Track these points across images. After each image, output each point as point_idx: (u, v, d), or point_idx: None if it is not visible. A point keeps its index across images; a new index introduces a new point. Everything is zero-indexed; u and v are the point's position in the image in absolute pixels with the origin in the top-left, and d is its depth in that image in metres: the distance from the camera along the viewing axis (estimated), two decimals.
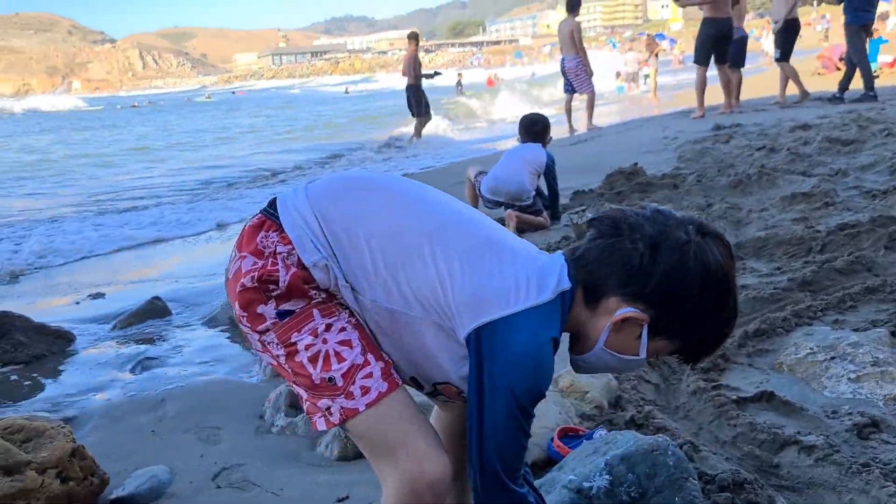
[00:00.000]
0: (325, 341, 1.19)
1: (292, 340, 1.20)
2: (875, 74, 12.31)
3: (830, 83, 13.23)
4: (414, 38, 13.14)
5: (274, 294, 1.20)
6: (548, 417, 1.99)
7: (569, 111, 12.11)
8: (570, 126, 11.84)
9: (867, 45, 10.37)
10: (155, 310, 3.74)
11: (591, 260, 1.23)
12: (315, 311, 1.20)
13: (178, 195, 9.09)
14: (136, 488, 1.98)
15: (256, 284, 1.20)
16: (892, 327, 2.44)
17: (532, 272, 1.21)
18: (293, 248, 1.21)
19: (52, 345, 3.29)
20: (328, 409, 1.21)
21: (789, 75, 10.72)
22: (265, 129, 21.26)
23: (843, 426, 1.91)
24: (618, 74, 25.67)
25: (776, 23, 10.63)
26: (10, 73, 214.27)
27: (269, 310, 1.20)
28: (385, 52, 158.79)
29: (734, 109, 10.35)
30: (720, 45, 10.06)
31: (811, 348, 2.30)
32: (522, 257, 1.25)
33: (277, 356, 1.23)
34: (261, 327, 1.22)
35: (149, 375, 2.97)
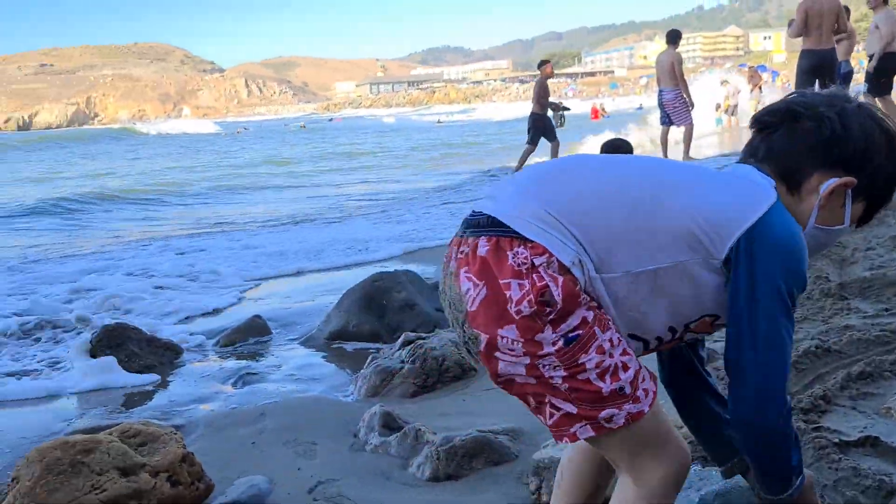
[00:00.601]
0: (611, 356, 1.23)
1: (580, 361, 1.21)
2: None
3: None
4: (545, 64, 12.60)
5: (550, 317, 1.18)
6: None
7: (664, 143, 11.96)
8: (687, 153, 11.69)
9: None
10: (255, 328, 3.91)
11: (780, 150, 1.32)
12: (596, 329, 1.21)
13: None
14: (238, 495, 2.09)
15: (536, 307, 1.17)
16: None
17: (750, 181, 1.30)
18: (550, 255, 1.19)
19: (162, 356, 3.49)
20: (611, 417, 1.24)
21: (889, 110, 10.28)
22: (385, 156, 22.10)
23: None
24: (717, 107, 25.34)
25: (871, 57, 10.14)
26: (128, 100, 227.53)
27: (548, 335, 1.19)
28: (480, 83, 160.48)
29: None
30: (821, 79, 9.70)
31: None
32: (732, 172, 1.34)
33: (551, 377, 1.23)
34: (540, 352, 1.20)
35: (249, 390, 3.11)
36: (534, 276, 1.17)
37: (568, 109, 13.71)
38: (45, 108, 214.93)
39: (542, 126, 12.28)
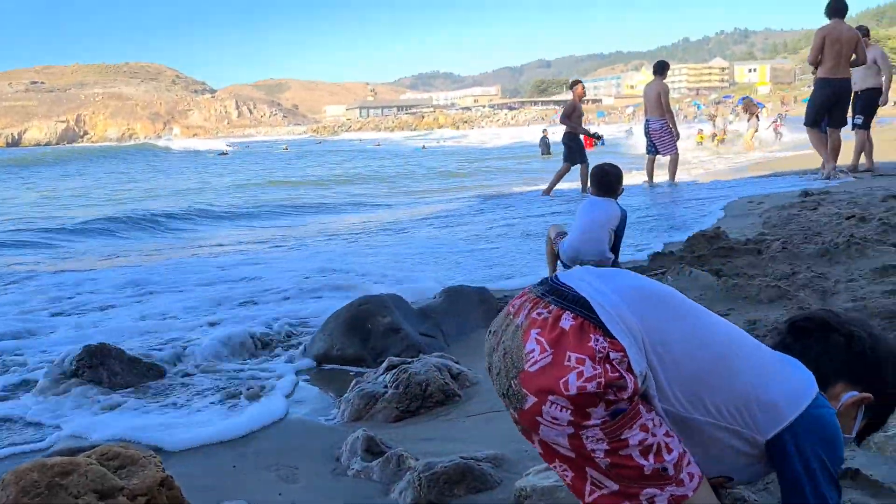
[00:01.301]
0: (654, 435, 1.28)
1: (623, 437, 1.26)
2: None
3: None
4: (577, 84, 12.41)
5: (609, 398, 1.24)
6: None
7: (650, 172, 12.09)
8: (673, 179, 11.83)
9: None
10: (240, 349, 3.89)
11: (815, 354, 1.46)
12: (641, 408, 1.27)
13: None
14: None
15: (601, 390, 1.23)
16: None
17: (797, 370, 1.41)
18: (625, 355, 1.26)
19: (143, 377, 3.45)
20: (652, 498, 1.28)
21: (863, 145, 10.45)
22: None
23: None
24: (713, 137, 26.11)
25: (858, 92, 10.29)
26: (117, 118, 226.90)
27: (599, 411, 1.25)
28: (469, 108, 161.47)
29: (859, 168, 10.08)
30: (835, 107, 9.76)
31: (887, 429, 2.22)
32: (783, 359, 1.44)
33: (593, 450, 1.28)
34: (586, 423, 1.26)
35: (232, 412, 3.08)
36: (607, 365, 1.24)
37: (600, 137, 13.45)
38: (34, 125, 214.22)
39: (575, 146, 12.04)
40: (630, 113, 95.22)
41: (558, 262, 4.87)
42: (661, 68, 11.74)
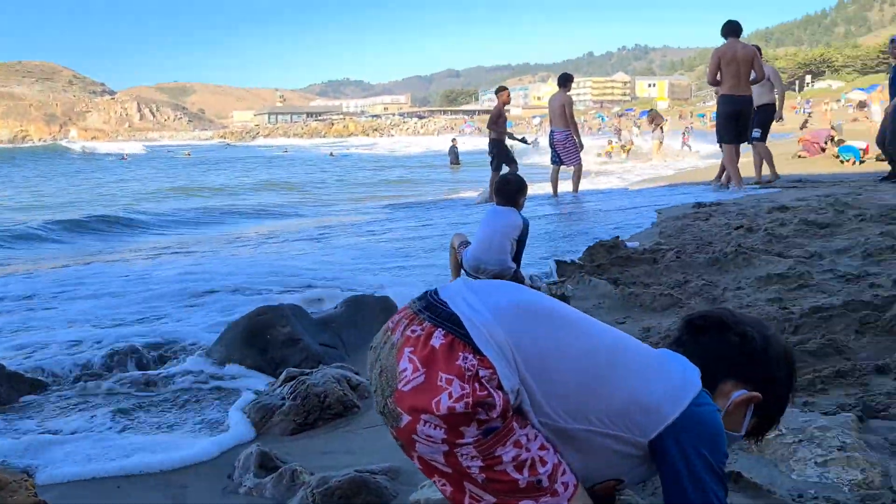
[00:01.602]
0: (528, 450, 1.29)
1: (496, 454, 1.27)
2: (862, 160, 12.67)
3: (809, 166, 13.55)
4: (502, 91, 12.43)
5: (480, 417, 1.25)
6: None
7: (555, 182, 12.32)
8: (556, 197, 12.04)
9: None
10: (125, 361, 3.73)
11: (706, 351, 1.48)
12: (514, 425, 1.28)
13: None
14: None
15: (469, 410, 1.24)
16: (860, 412, 2.47)
17: (680, 367, 1.43)
18: (494, 373, 1.27)
19: (24, 392, 3.26)
20: None
21: (764, 156, 11.01)
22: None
23: None
24: (622, 148, 27.22)
25: (755, 108, 10.81)
26: (9, 119, 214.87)
27: (471, 430, 1.26)
28: (379, 116, 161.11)
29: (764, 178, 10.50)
30: (738, 123, 10.13)
31: (780, 430, 2.31)
32: (666, 358, 1.46)
33: (468, 466, 1.28)
34: (459, 441, 1.27)
35: (116, 427, 2.94)
36: (476, 384, 1.25)
37: (527, 143, 13.44)
38: None
39: (503, 152, 12.21)
40: (537, 124, 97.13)
41: (462, 271, 4.90)
42: (564, 80, 11.99)
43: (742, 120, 10.09)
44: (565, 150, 11.87)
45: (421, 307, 1.35)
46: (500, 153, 12.14)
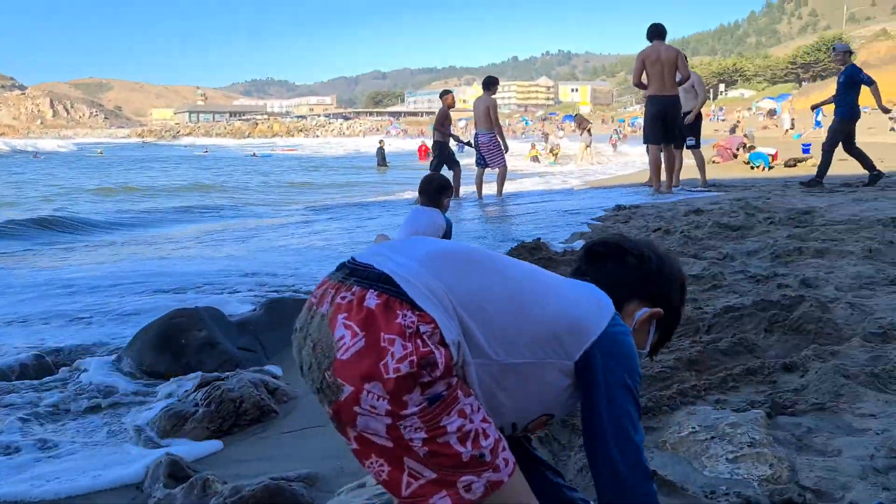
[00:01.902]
0: (472, 421, 1.25)
1: (441, 424, 1.23)
2: (771, 166, 13.20)
3: (723, 171, 14.03)
4: (447, 94, 12.49)
5: (424, 380, 1.20)
6: None
7: (479, 185, 12.40)
8: (480, 199, 12.12)
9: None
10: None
11: (609, 277, 1.56)
12: (459, 393, 1.25)
13: None
14: None
15: (415, 370, 1.19)
16: (769, 409, 2.54)
17: (593, 291, 1.47)
18: (436, 327, 1.23)
19: None
20: (469, 485, 1.26)
21: (698, 162, 11.40)
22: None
23: None
24: (550, 151, 27.71)
25: (685, 114, 11.09)
26: None
27: (415, 396, 1.21)
28: (304, 117, 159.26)
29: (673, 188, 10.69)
30: (664, 123, 10.29)
31: (693, 427, 2.37)
32: (577, 284, 1.50)
33: (410, 439, 1.22)
34: (404, 412, 1.21)
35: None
36: (418, 340, 1.20)
37: (470, 145, 13.40)
38: None
39: (446, 154, 12.23)
40: (462, 126, 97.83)
41: None
42: (489, 83, 12.07)
43: (668, 121, 10.30)
44: (489, 152, 11.97)
45: (345, 274, 1.29)
46: (443, 155, 12.20)
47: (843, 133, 10.46)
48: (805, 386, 2.75)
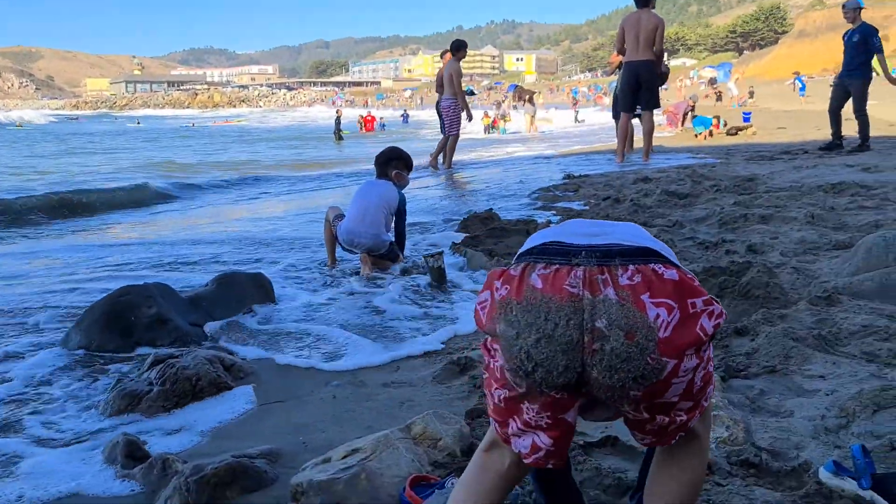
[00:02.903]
0: None
1: (708, 354, 1.26)
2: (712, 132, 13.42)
3: (668, 140, 14.23)
4: (446, 53, 11.97)
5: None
6: (399, 466, 1.97)
7: (438, 153, 12.30)
8: (450, 165, 12.07)
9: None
10: None
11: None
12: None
13: None
14: None
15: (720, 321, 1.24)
16: (723, 372, 2.60)
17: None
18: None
19: None
20: (707, 394, 1.29)
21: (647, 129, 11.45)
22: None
23: None
24: (485, 115, 27.69)
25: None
26: None
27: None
28: (246, 87, 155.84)
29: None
30: (641, 90, 10.07)
31: None
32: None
33: (693, 379, 1.23)
34: (704, 353, 1.23)
35: None
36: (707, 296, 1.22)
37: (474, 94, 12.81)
38: None
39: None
40: (408, 96, 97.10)
41: (337, 244, 4.83)
42: (456, 48, 11.73)
43: (642, 82, 10.02)
44: (448, 118, 11.82)
45: (589, 258, 1.21)
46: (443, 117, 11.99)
47: (866, 93, 10.07)
48: (756, 349, 2.83)
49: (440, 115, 12.05)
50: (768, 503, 1.79)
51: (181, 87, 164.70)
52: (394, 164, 4.82)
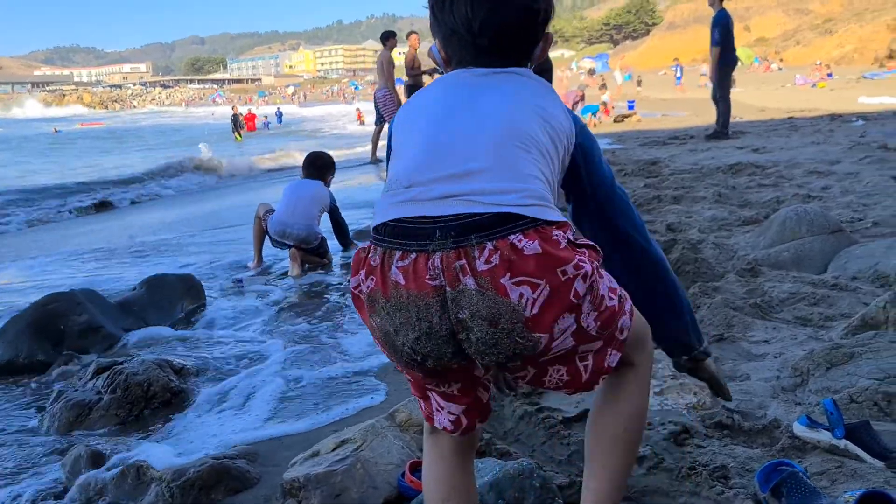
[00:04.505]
0: (602, 273, 1.25)
1: (600, 292, 1.21)
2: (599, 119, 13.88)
3: None
4: (411, 35, 11.76)
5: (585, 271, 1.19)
6: (391, 454, 1.96)
7: (375, 142, 12.18)
8: (375, 157, 11.98)
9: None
10: None
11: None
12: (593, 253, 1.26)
13: None
14: None
15: (594, 273, 1.20)
16: None
17: None
18: (568, 228, 1.23)
19: None
20: (622, 326, 1.26)
21: None
22: None
23: (661, 436, 2.08)
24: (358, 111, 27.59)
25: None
26: None
27: (583, 287, 1.17)
28: (119, 86, 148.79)
29: None
30: None
31: None
32: None
33: (587, 325, 1.21)
34: (582, 308, 1.18)
35: None
36: (584, 249, 1.19)
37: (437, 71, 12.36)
38: None
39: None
40: (290, 92, 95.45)
41: (266, 237, 4.77)
42: (385, 38, 11.73)
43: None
44: (384, 107, 11.72)
45: (445, 239, 1.14)
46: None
47: (725, 80, 10.33)
48: (701, 320, 2.97)
49: (375, 106, 11.95)
50: (751, 459, 1.89)
51: (46, 89, 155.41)
52: (330, 170, 5.03)
